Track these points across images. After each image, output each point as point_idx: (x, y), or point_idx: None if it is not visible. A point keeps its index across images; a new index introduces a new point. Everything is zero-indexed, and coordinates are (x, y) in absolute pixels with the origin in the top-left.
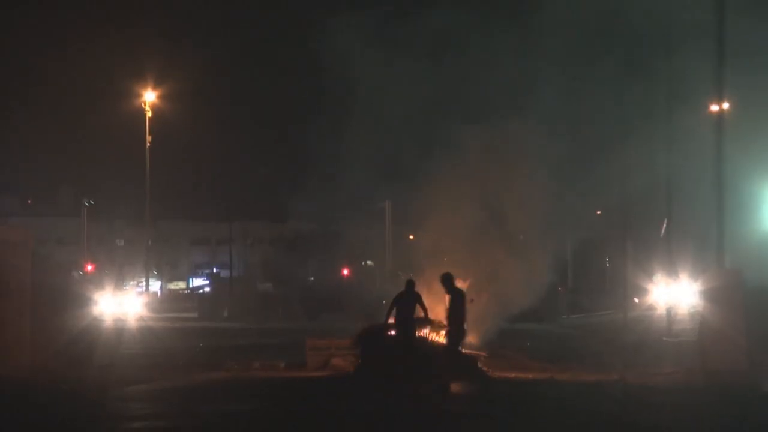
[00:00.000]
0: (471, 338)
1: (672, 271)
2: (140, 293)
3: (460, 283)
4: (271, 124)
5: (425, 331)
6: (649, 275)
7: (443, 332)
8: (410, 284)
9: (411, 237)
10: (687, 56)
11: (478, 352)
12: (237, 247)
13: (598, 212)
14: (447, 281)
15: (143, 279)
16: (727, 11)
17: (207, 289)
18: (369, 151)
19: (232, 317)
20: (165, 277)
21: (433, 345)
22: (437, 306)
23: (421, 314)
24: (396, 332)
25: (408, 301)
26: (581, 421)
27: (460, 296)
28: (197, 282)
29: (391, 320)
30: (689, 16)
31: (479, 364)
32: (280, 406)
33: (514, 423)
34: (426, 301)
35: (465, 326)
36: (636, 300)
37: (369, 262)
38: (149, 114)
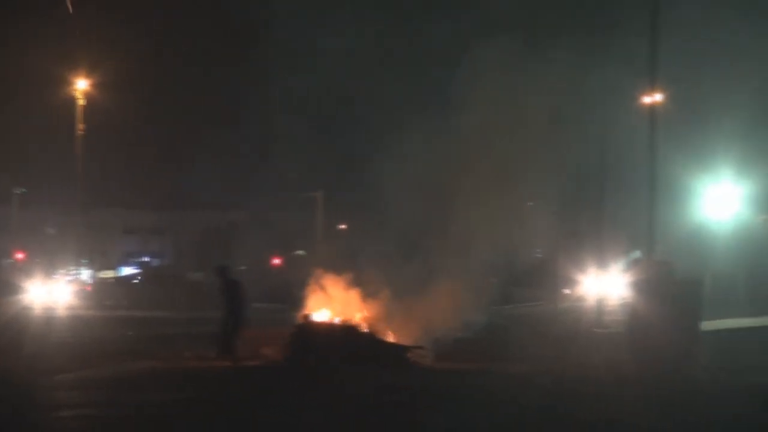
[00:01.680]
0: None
1: (602, 262)
2: (70, 282)
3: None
4: (205, 114)
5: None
6: (580, 266)
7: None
8: None
9: (342, 227)
10: (623, 45)
11: (415, 345)
12: (169, 236)
13: (530, 203)
14: (221, 273)
15: (73, 268)
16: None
17: (138, 279)
18: (303, 142)
19: (162, 306)
20: (96, 265)
21: (362, 334)
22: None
23: None
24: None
25: None
26: (511, 413)
27: (236, 286)
28: (127, 271)
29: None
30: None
31: (409, 355)
32: (210, 395)
33: (441, 414)
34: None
35: (244, 314)
36: (566, 291)
37: (300, 252)
38: (81, 102)
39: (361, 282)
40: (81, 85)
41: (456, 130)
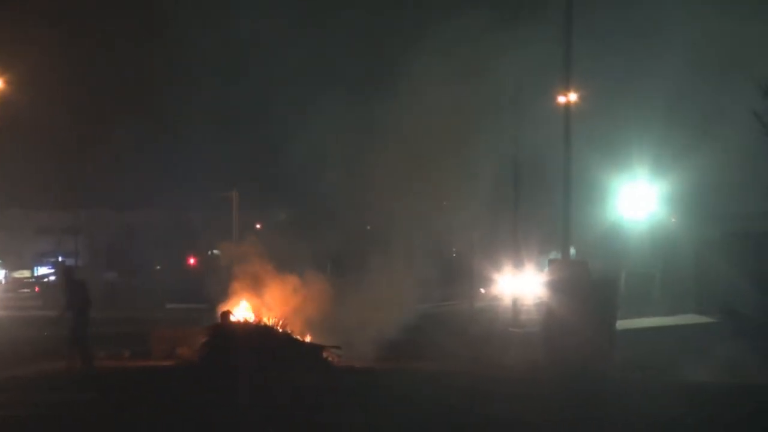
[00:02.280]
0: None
1: (518, 261)
2: None
3: None
4: (118, 112)
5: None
6: (496, 266)
7: None
8: None
9: (258, 226)
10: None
11: (330, 345)
12: (84, 236)
13: (444, 203)
14: (66, 273)
15: None
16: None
17: (52, 278)
18: (217, 140)
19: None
20: (10, 265)
21: (278, 334)
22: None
23: None
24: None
25: None
26: (426, 411)
27: (81, 287)
28: (42, 270)
29: None
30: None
31: (324, 354)
32: (124, 395)
33: (355, 413)
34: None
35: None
36: (482, 290)
37: (215, 251)
38: None
39: (279, 281)
40: None
41: (376, 125)
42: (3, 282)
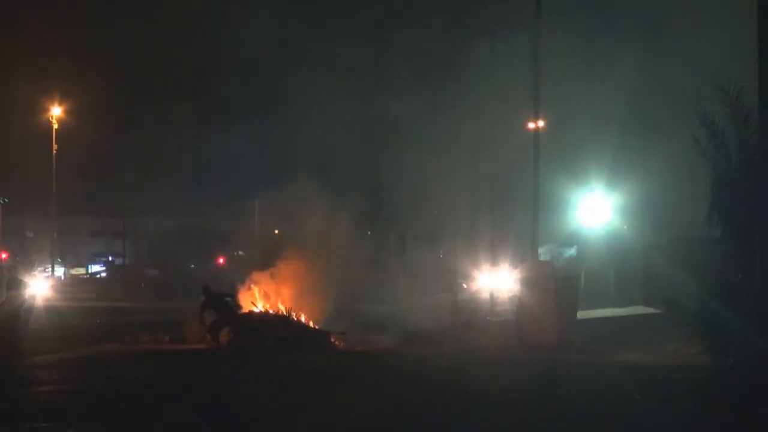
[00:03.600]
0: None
1: (494, 261)
2: (47, 278)
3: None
4: (162, 136)
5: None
6: (476, 264)
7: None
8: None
9: (276, 231)
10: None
11: (336, 331)
12: (129, 238)
13: (435, 212)
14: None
15: (50, 265)
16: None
17: (104, 275)
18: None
19: (124, 298)
20: (68, 264)
21: (293, 322)
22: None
23: None
24: None
25: None
26: (417, 388)
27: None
28: (95, 268)
29: None
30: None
31: (332, 339)
32: (165, 373)
33: (356, 389)
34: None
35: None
36: (464, 285)
37: (241, 253)
38: (55, 126)
39: (292, 277)
40: (55, 111)
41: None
42: (63, 278)
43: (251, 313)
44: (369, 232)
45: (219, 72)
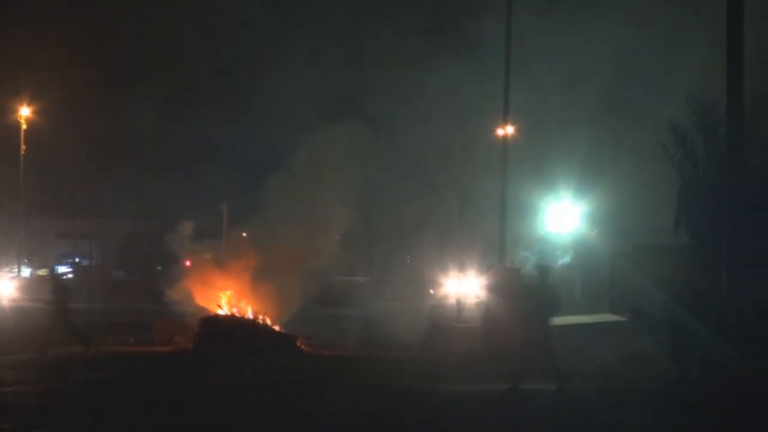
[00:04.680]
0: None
1: (462, 267)
2: (12, 278)
3: None
4: (126, 138)
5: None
6: (443, 270)
7: None
8: None
9: (244, 234)
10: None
11: (304, 335)
12: (97, 240)
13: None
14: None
15: (16, 266)
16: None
17: (70, 276)
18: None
19: (90, 299)
20: (34, 265)
21: (259, 326)
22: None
23: None
24: None
25: None
26: (384, 392)
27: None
28: (62, 269)
29: None
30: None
31: (298, 343)
32: (128, 375)
33: (323, 392)
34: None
35: None
36: (432, 291)
37: (208, 255)
38: (24, 126)
39: (259, 280)
40: (24, 112)
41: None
42: (29, 278)
43: (217, 316)
44: (337, 237)
45: (191, 73)
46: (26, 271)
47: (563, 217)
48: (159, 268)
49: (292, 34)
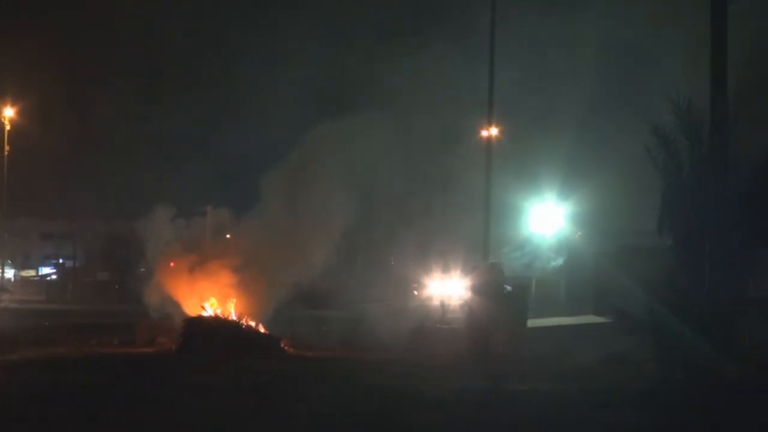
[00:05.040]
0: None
1: (445, 268)
2: None
3: None
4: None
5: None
6: (427, 271)
7: None
8: None
9: (227, 236)
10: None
11: (287, 336)
12: (81, 241)
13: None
14: None
15: None
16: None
17: (54, 277)
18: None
19: (74, 300)
20: (18, 266)
21: (242, 327)
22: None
23: None
24: None
25: None
26: (368, 393)
27: None
28: (45, 270)
29: None
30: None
31: (281, 344)
32: (112, 376)
33: (307, 393)
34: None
35: None
36: (415, 292)
37: (189, 254)
38: (7, 127)
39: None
40: (7, 112)
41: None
42: (12, 280)
43: (201, 317)
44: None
45: (171, 74)
46: (9, 272)
47: (547, 218)
48: (143, 269)
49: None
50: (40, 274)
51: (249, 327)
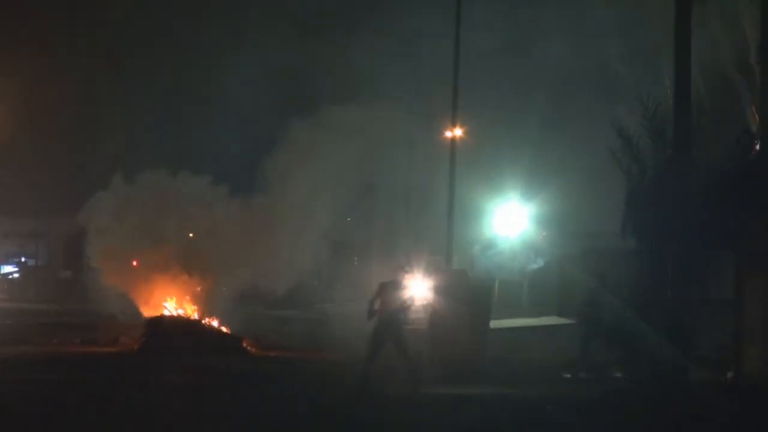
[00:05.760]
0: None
1: (409, 269)
2: None
3: None
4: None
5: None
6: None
7: None
8: None
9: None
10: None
11: (249, 336)
12: (43, 239)
13: (348, 219)
14: None
15: None
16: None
17: (16, 276)
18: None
19: (37, 299)
20: None
21: (204, 327)
22: None
23: None
24: None
25: None
26: (328, 393)
27: None
28: (7, 269)
29: None
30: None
31: (244, 344)
32: (74, 376)
33: (268, 394)
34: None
35: None
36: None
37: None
38: None
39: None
40: None
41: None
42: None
43: (162, 317)
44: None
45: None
46: None
47: (511, 219)
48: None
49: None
50: (2, 272)
51: (211, 327)
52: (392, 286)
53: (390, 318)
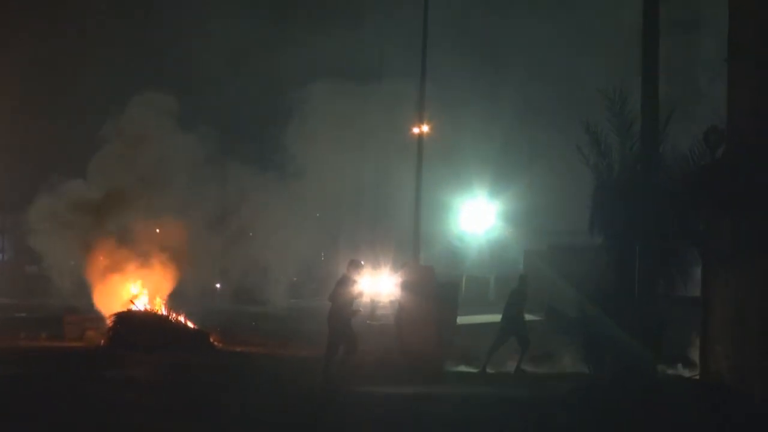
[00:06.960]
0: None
1: (375, 264)
2: None
3: None
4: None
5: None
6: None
7: None
8: None
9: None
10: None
11: (216, 331)
12: (9, 234)
13: (317, 214)
14: None
15: None
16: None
17: None
18: None
19: (2, 294)
20: None
21: (171, 322)
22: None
23: None
24: None
25: None
26: (296, 388)
27: None
28: None
29: None
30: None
31: (210, 339)
32: (41, 371)
33: (234, 390)
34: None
35: None
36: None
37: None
38: None
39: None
40: None
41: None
42: None
43: (130, 312)
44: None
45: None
46: None
47: (478, 216)
48: (72, 263)
49: None
50: None
51: (178, 322)
52: (342, 281)
53: (339, 312)
